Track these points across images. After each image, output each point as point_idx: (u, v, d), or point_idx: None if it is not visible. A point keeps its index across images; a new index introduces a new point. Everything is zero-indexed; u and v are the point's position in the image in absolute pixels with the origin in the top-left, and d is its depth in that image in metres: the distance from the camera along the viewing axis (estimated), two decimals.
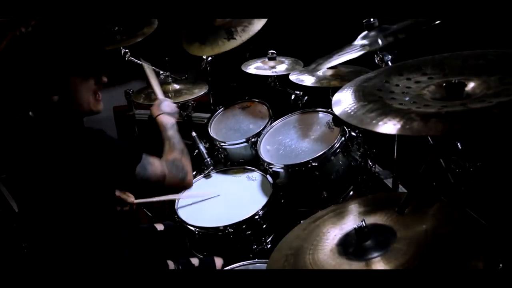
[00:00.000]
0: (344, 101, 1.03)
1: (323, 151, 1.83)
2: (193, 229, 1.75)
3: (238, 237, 1.72)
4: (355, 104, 1.00)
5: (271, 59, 2.27)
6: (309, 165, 1.81)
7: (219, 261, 1.66)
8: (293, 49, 2.47)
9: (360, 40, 1.60)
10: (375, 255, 1.03)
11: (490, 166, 1.63)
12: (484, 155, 1.51)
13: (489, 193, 1.62)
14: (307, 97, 2.23)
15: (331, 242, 1.13)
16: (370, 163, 2.07)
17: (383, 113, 0.91)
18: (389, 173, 2.25)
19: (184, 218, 1.79)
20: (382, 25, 1.57)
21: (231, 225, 1.69)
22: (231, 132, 2.26)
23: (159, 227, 1.78)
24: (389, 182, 2.21)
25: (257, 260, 1.52)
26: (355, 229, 1.07)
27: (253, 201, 1.81)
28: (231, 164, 2.15)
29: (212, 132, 2.27)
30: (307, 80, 2.06)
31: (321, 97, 2.12)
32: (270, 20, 2.13)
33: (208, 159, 2.14)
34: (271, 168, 1.92)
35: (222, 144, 2.15)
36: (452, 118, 0.84)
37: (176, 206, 1.88)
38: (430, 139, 1.13)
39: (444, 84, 0.99)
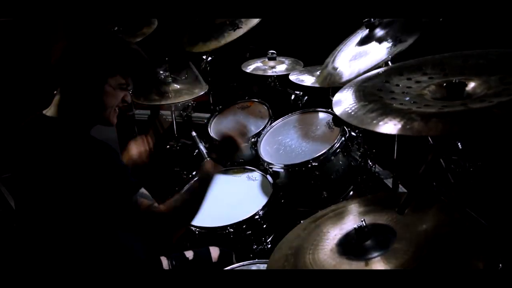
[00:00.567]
0: (344, 101, 1.03)
1: (323, 151, 1.84)
2: (193, 228, 1.74)
3: (238, 237, 1.72)
4: (355, 104, 1.00)
5: (271, 59, 2.27)
6: (309, 165, 1.82)
7: (215, 252, 1.59)
8: (293, 49, 2.47)
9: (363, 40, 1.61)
10: (375, 254, 1.03)
11: (490, 166, 1.63)
12: (484, 155, 1.51)
13: (489, 192, 1.62)
14: (307, 97, 2.23)
15: (331, 241, 1.13)
16: (370, 163, 2.07)
17: (383, 113, 0.91)
18: (389, 173, 2.26)
19: None
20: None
21: (231, 225, 1.69)
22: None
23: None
24: (389, 182, 2.21)
25: (257, 260, 1.51)
26: (355, 228, 1.07)
27: (253, 201, 1.81)
28: (231, 164, 2.15)
29: (211, 132, 2.27)
30: (307, 80, 2.06)
31: (321, 97, 2.12)
32: (270, 20, 2.13)
33: (208, 159, 2.14)
34: (271, 168, 1.92)
35: None
36: (452, 118, 0.84)
37: None
38: (430, 139, 1.13)
39: (444, 84, 0.99)
